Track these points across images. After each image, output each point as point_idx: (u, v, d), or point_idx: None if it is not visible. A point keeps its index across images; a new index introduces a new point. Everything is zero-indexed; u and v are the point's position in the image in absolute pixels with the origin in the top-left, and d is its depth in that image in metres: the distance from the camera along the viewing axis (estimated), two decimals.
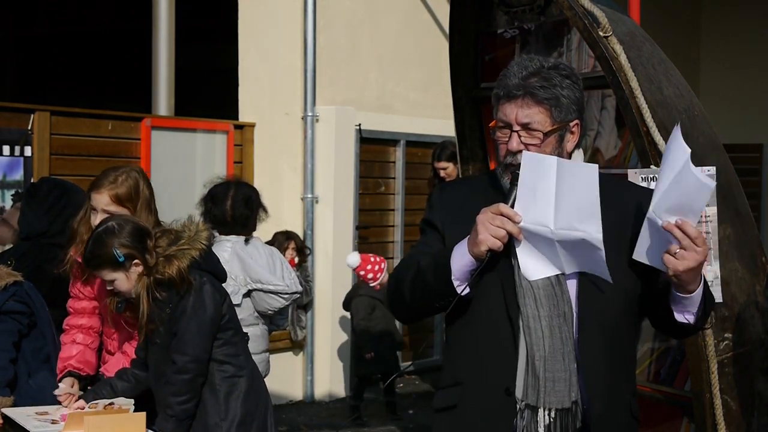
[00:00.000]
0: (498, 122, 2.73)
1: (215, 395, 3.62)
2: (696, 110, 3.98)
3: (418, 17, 9.05)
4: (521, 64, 2.74)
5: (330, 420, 7.62)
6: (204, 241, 3.65)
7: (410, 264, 2.79)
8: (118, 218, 3.70)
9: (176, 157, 7.61)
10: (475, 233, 2.62)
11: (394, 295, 2.85)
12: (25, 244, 4.54)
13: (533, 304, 2.67)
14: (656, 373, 4.09)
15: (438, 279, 2.68)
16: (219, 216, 4.83)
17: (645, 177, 3.65)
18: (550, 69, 2.72)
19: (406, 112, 8.96)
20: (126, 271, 3.56)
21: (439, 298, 2.71)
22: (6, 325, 3.98)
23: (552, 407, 2.64)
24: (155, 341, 3.60)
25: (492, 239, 2.60)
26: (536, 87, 2.68)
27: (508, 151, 2.71)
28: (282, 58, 8.21)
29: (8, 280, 4.03)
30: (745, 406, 3.77)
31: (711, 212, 3.68)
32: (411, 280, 2.75)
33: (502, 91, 2.72)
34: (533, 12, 4.53)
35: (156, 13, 8.05)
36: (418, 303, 2.78)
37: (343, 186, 8.28)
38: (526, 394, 2.66)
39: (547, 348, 2.65)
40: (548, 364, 2.64)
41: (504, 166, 2.74)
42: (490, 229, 2.60)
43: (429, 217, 2.88)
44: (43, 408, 3.80)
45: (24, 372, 4.04)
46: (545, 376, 2.64)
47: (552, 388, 2.64)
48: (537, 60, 2.75)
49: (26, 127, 6.59)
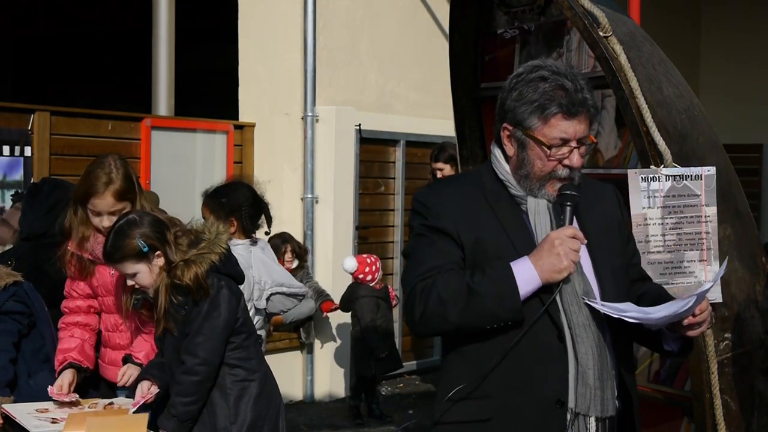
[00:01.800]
0: (552, 139, 2.70)
1: (225, 399, 3.61)
2: (696, 110, 3.98)
3: (418, 17, 9.05)
4: (570, 76, 2.71)
5: (330, 420, 7.61)
6: (224, 245, 3.64)
7: (454, 284, 2.66)
8: (137, 211, 3.72)
9: (176, 157, 7.61)
10: (557, 260, 2.61)
11: (434, 314, 2.67)
12: (25, 244, 4.54)
13: (579, 312, 2.68)
14: (656, 373, 4.09)
15: (506, 309, 2.63)
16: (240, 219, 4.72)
17: (645, 177, 3.65)
18: (580, 75, 2.76)
19: (406, 112, 8.96)
20: (149, 263, 3.55)
21: (499, 323, 2.66)
22: (6, 326, 3.98)
23: (600, 415, 2.67)
24: (168, 339, 3.60)
25: (573, 265, 2.64)
26: (590, 104, 2.71)
27: (562, 165, 2.72)
28: (282, 58, 8.21)
29: (8, 280, 4.03)
30: (745, 406, 3.77)
31: (711, 212, 3.68)
32: (463, 303, 2.64)
33: (556, 108, 2.68)
34: (533, 12, 4.52)
35: (156, 13, 8.06)
36: (470, 326, 2.68)
37: (343, 186, 8.28)
38: (577, 403, 2.66)
39: (597, 356, 2.67)
40: (598, 372, 2.66)
41: (548, 179, 2.73)
42: (570, 254, 2.63)
43: (434, 223, 2.76)
44: (43, 404, 3.78)
45: (24, 372, 4.03)
46: (595, 385, 2.66)
47: (602, 395, 2.67)
48: (574, 71, 2.76)
49: (26, 127, 6.59)
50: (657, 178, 3.64)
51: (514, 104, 2.74)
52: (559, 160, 2.71)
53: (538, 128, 2.70)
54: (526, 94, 2.71)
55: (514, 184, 2.77)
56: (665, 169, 3.65)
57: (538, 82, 2.71)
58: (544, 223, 2.73)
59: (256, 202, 4.76)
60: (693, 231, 3.67)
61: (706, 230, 3.67)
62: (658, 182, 3.65)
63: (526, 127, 2.72)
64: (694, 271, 3.65)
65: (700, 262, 3.66)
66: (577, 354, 2.66)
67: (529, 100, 2.70)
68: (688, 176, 3.66)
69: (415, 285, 2.71)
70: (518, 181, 2.77)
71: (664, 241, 3.64)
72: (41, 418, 3.62)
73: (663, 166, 3.65)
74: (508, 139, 2.78)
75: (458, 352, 2.77)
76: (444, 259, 2.72)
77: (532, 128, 2.71)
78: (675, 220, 3.65)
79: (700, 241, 3.67)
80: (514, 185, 2.77)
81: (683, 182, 3.66)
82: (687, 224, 3.67)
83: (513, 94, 2.74)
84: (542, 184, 2.73)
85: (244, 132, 8.19)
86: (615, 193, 2.97)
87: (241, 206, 4.65)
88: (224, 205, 4.61)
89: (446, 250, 2.74)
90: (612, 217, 2.89)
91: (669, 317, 2.64)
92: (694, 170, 3.67)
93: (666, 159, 3.65)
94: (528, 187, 2.75)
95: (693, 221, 3.67)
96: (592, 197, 2.85)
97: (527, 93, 2.71)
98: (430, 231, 2.77)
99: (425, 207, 2.80)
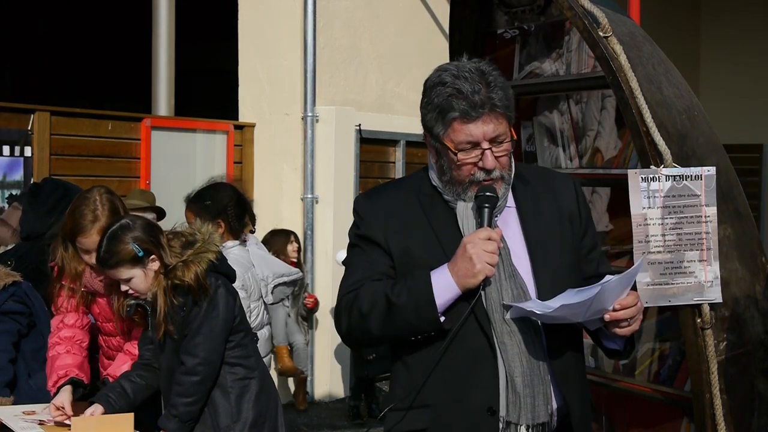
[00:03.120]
0: (459, 144, 2.62)
1: (227, 397, 3.61)
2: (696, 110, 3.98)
3: (418, 17, 9.05)
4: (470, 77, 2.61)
5: (330, 420, 7.61)
6: (217, 244, 3.64)
7: (374, 297, 2.63)
8: (129, 215, 3.69)
9: (176, 157, 7.61)
10: (470, 264, 2.55)
11: (357, 328, 2.67)
12: (25, 244, 4.54)
13: (502, 321, 2.63)
14: (656, 373, 4.09)
15: (423, 319, 2.59)
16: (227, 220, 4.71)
17: (645, 177, 3.64)
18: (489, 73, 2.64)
19: (406, 112, 8.95)
20: (144, 268, 3.53)
21: (419, 333, 2.63)
22: (5, 326, 3.98)
23: (531, 422, 2.61)
24: (168, 342, 3.59)
25: (489, 267, 2.57)
26: (495, 102, 2.60)
27: (477, 168, 2.64)
28: (282, 59, 8.21)
29: (7, 280, 4.04)
30: (745, 407, 3.77)
31: (711, 212, 3.68)
32: (383, 316, 2.62)
33: (455, 113, 2.60)
34: (533, 12, 4.52)
35: (156, 13, 8.06)
36: (389, 336, 2.67)
37: (343, 186, 8.28)
38: (508, 411, 2.61)
39: (525, 363, 2.61)
40: (527, 379, 2.61)
41: (469, 183, 2.66)
42: (485, 257, 2.55)
43: (365, 233, 2.73)
44: (30, 407, 3.76)
45: (23, 372, 4.03)
46: (525, 392, 2.61)
47: (532, 403, 2.61)
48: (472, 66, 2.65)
49: (26, 127, 6.59)
50: (657, 178, 3.64)
51: (424, 111, 2.69)
52: (473, 164, 2.64)
53: (445, 134, 2.64)
54: (431, 100, 2.65)
55: (444, 190, 2.72)
56: (665, 169, 3.65)
57: (439, 87, 2.64)
58: (472, 227, 2.66)
59: (240, 201, 4.70)
60: (693, 231, 3.66)
61: (706, 230, 3.66)
62: (658, 182, 3.64)
63: (435, 134, 2.66)
64: (694, 271, 3.64)
65: (700, 263, 3.66)
66: (505, 362, 2.61)
67: (433, 107, 2.64)
68: (688, 176, 3.66)
69: (341, 298, 2.72)
70: (445, 187, 2.72)
71: (664, 241, 3.64)
72: (28, 420, 3.60)
73: (663, 166, 3.65)
74: (429, 146, 2.73)
75: (401, 360, 2.75)
76: (371, 269, 2.70)
77: (440, 135, 2.65)
78: (675, 220, 3.65)
79: (700, 241, 3.66)
80: (445, 191, 2.72)
81: (683, 182, 3.65)
82: (687, 224, 3.66)
83: (424, 100, 2.69)
84: (465, 189, 2.67)
85: (244, 132, 8.19)
86: (574, 186, 2.88)
87: (227, 207, 4.60)
88: (209, 208, 4.55)
89: (374, 260, 2.71)
90: (564, 210, 2.80)
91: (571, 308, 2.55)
92: (694, 170, 3.67)
93: (666, 159, 3.65)
94: (454, 192, 2.70)
95: (693, 221, 3.67)
96: (540, 190, 2.78)
97: (432, 98, 2.65)
98: (360, 240, 2.75)
99: (358, 215, 2.78)
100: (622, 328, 2.64)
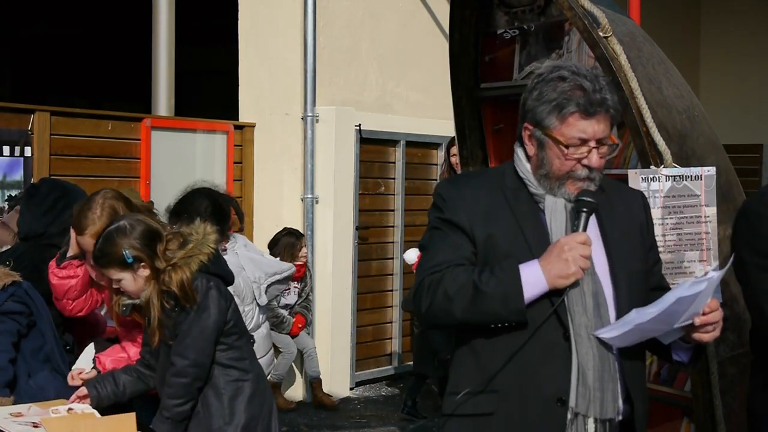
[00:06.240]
0: (570, 139, 2.72)
1: (220, 399, 3.60)
2: (696, 110, 3.98)
3: (418, 17, 9.05)
4: (590, 76, 2.73)
5: (330, 420, 7.61)
6: (212, 245, 3.61)
7: (461, 281, 2.70)
8: (131, 217, 3.65)
9: (176, 158, 7.61)
10: (565, 265, 2.63)
11: (440, 308, 2.72)
12: (23, 244, 4.53)
13: (582, 313, 2.69)
14: (656, 373, 4.09)
15: (509, 310, 2.66)
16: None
17: (645, 177, 3.65)
18: (603, 77, 2.77)
19: (406, 112, 8.96)
20: (134, 273, 3.53)
21: (502, 322, 2.69)
22: (5, 326, 3.98)
23: (599, 416, 2.68)
24: (163, 346, 3.59)
25: (581, 272, 2.65)
26: (609, 105, 2.72)
27: (581, 165, 2.73)
28: (282, 59, 8.21)
29: (6, 280, 4.03)
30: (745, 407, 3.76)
31: (711, 212, 3.68)
32: (468, 300, 2.68)
33: (574, 107, 2.70)
34: (533, 12, 4.52)
35: (156, 13, 8.06)
36: (471, 321, 2.72)
37: (343, 186, 8.28)
38: (577, 403, 2.68)
39: (597, 358, 2.68)
40: (598, 373, 2.68)
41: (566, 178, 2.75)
42: (580, 261, 2.64)
43: (449, 217, 2.80)
44: (16, 408, 3.73)
45: (24, 372, 4.03)
46: (594, 386, 2.67)
47: (601, 397, 2.68)
48: (596, 72, 2.77)
49: (26, 128, 6.58)
50: (657, 178, 3.64)
51: (534, 104, 2.77)
52: (578, 160, 2.73)
53: (557, 127, 2.73)
54: (545, 93, 2.74)
55: (534, 183, 2.79)
56: (665, 170, 3.65)
57: (557, 82, 2.73)
58: (560, 223, 2.75)
59: (216, 206, 4.60)
60: (693, 231, 3.67)
61: (706, 230, 3.66)
62: (658, 182, 3.65)
63: (545, 126, 2.75)
64: (694, 271, 3.65)
65: (700, 263, 3.66)
66: (578, 355, 2.67)
67: (548, 100, 2.73)
68: (688, 176, 3.66)
69: (423, 278, 2.76)
70: (538, 181, 2.79)
71: (665, 242, 3.64)
72: (20, 422, 3.57)
73: (663, 166, 3.65)
74: (528, 138, 2.80)
75: (468, 345, 2.81)
76: (455, 253, 2.75)
77: (551, 127, 2.74)
78: (675, 221, 3.66)
79: (700, 242, 3.67)
80: (534, 184, 2.79)
81: (683, 182, 3.66)
82: (687, 224, 3.67)
83: (534, 93, 2.78)
84: (561, 183, 2.76)
85: (244, 132, 8.19)
86: (642, 198, 3.00)
87: (201, 215, 4.43)
88: (185, 221, 4.51)
89: (458, 245, 2.77)
90: (636, 221, 2.90)
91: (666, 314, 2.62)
92: (694, 170, 3.67)
93: (666, 159, 3.65)
94: (548, 186, 2.77)
95: (693, 221, 3.67)
96: (616, 199, 2.87)
97: (546, 92, 2.74)
98: (444, 224, 2.81)
99: (442, 200, 2.84)
100: (708, 333, 2.72)
